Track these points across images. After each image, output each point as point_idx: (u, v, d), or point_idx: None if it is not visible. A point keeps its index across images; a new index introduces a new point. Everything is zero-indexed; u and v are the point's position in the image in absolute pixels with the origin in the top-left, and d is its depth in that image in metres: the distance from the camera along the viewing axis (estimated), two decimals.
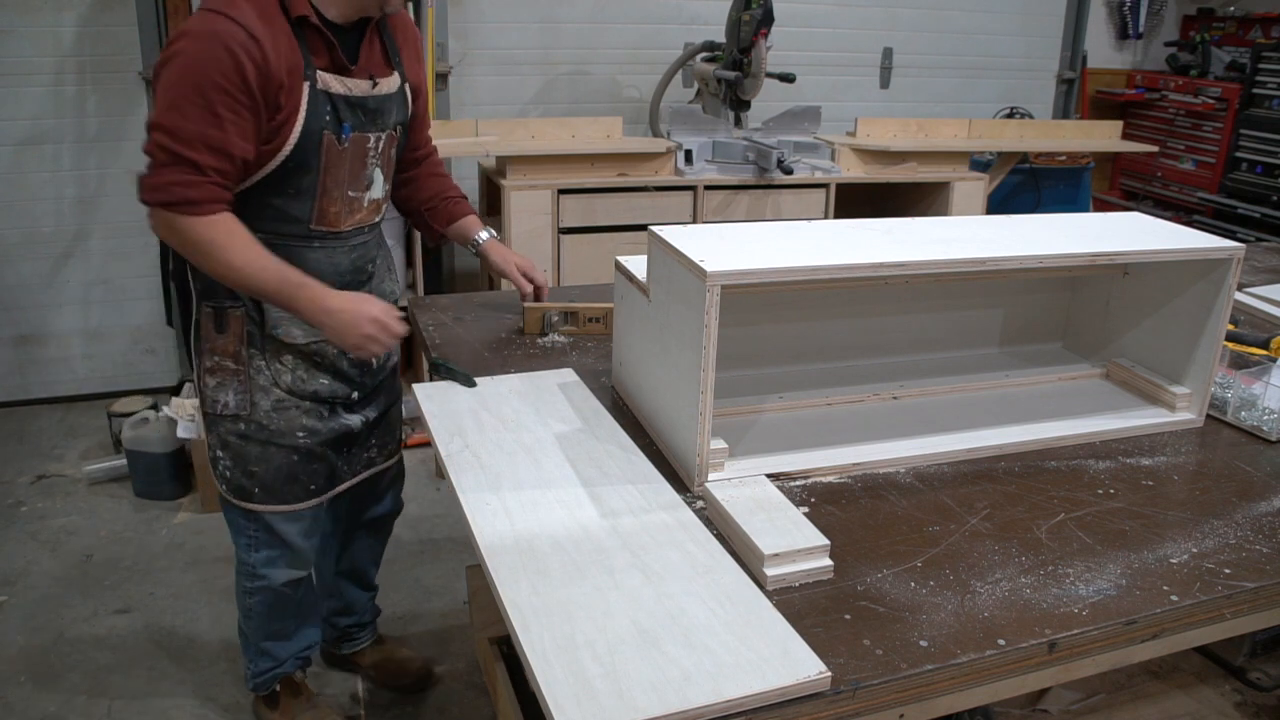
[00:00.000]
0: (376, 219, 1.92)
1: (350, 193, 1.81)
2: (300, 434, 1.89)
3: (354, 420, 1.98)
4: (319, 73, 1.69)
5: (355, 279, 1.90)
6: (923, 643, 1.14)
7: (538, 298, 2.10)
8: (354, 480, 2.06)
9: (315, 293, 1.69)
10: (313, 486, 1.95)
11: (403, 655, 2.49)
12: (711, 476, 1.45)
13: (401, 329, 1.77)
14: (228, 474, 1.90)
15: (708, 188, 3.82)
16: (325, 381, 1.90)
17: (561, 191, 3.65)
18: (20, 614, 2.68)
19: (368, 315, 1.71)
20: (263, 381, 1.84)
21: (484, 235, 2.13)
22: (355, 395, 1.96)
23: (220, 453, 1.89)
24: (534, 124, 3.87)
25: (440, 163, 2.19)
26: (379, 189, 1.87)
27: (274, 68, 1.61)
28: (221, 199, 1.63)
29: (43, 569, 2.90)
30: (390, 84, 1.83)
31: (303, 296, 1.68)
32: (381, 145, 1.83)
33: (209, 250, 1.63)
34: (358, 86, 1.75)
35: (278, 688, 2.23)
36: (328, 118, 1.71)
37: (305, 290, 1.69)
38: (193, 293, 1.83)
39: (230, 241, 1.64)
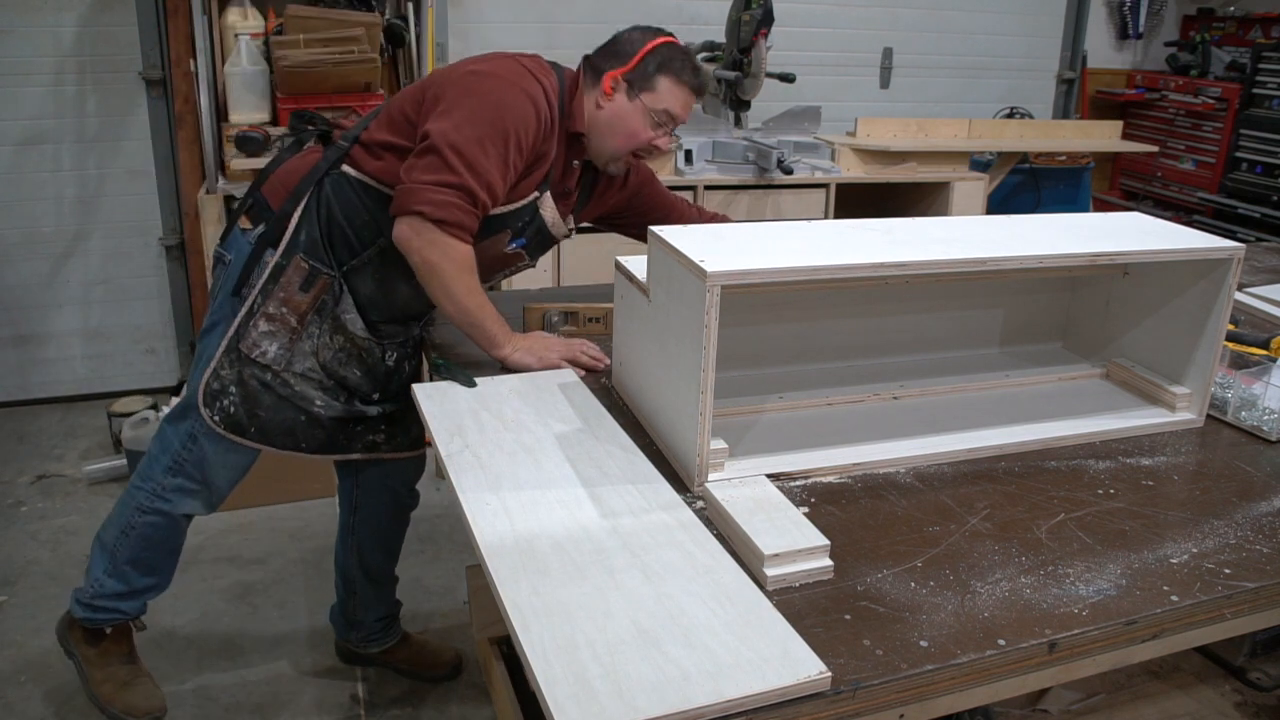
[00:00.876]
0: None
1: (507, 249, 1.99)
2: (318, 403, 1.96)
3: (370, 409, 2.04)
4: (548, 193, 1.93)
5: (420, 306, 2.02)
6: (923, 643, 1.14)
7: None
8: (350, 456, 2.08)
9: (501, 333, 1.86)
10: (304, 444, 1.99)
11: (435, 646, 2.55)
12: (711, 476, 1.45)
13: (585, 362, 1.91)
14: (231, 409, 1.92)
15: (708, 188, 3.82)
16: (358, 373, 1.97)
17: None
18: (20, 614, 2.68)
19: (542, 360, 1.88)
20: (307, 347, 1.92)
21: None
22: (377, 395, 2.03)
23: (234, 389, 1.91)
24: None
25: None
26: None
27: (543, 150, 1.85)
28: (475, 231, 1.80)
29: (43, 569, 2.90)
30: (569, 223, 2.06)
31: (492, 331, 1.84)
32: (521, 266, 2.06)
33: (450, 271, 1.77)
34: (557, 225, 1.99)
35: (108, 630, 2.15)
36: (519, 224, 1.93)
37: (503, 331, 1.86)
38: (287, 241, 1.87)
39: (467, 269, 1.80)
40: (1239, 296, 2.39)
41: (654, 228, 1.53)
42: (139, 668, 2.20)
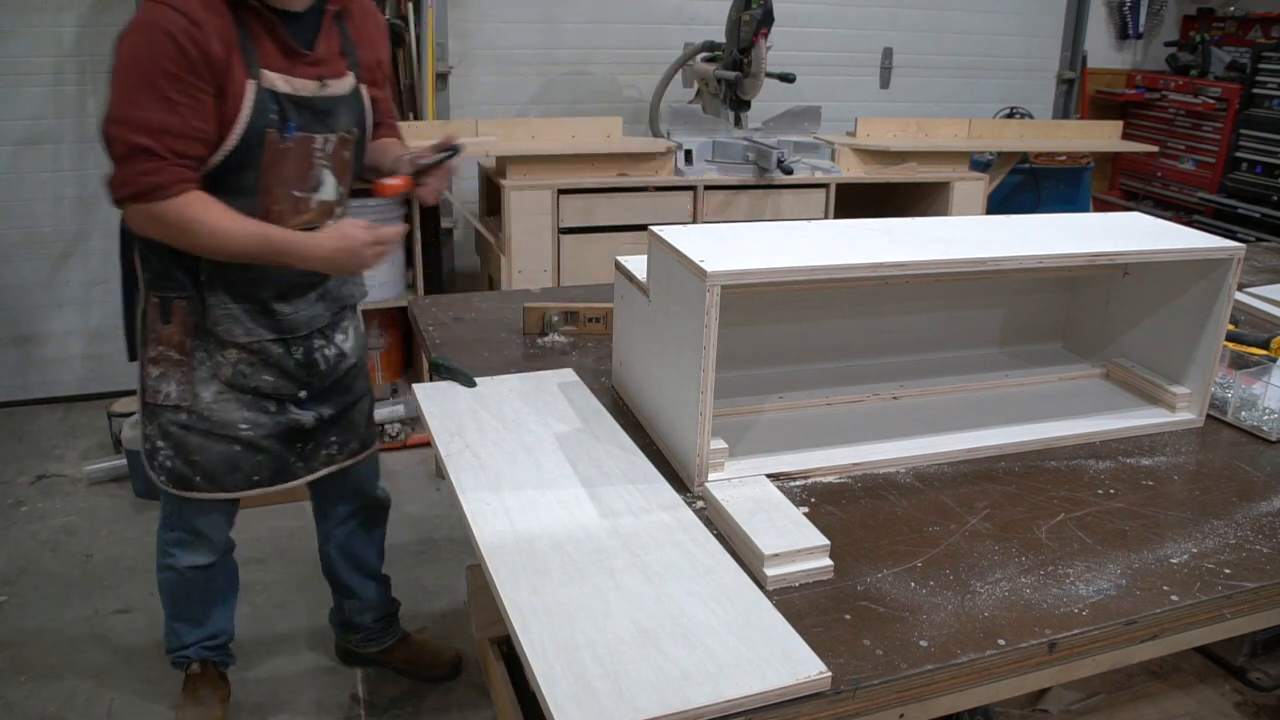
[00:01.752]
0: (329, 221, 1.85)
1: (296, 193, 1.78)
2: (243, 425, 1.89)
3: (305, 416, 1.96)
4: (264, 71, 1.68)
5: (306, 280, 1.88)
6: (923, 643, 1.14)
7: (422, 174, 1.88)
8: (312, 477, 2.04)
9: (301, 244, 1.71)
10: (256, 477, 1.94)
11: (434, 646, 2.53)
12: (711, 476, 1.45)
13: (392, 231, 1.78)
14: (169, 464, 1.90)
15: (708, 188, 3.82)
16: (269, 379, 1.89)
17: (561, 191, 3.65)
18: (20, 614, 2.68)
19: (360, 242, 1.73)
20: (204, 373, 1.85)
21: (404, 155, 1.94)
22: (304, 394, 1.95)
23: (160, 443, 1.89)
24: (534, 124, 3.86)
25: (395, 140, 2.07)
26: (330, 191, 1.84)
27: (216, 54, 1.60)
28: (187, 179, 1.64)
29: (43, 569, 2.90)
30: (342, 85, 1.80)
31: (292, 252, 1.70)
32: (331, 147, 1.80)
33: (190, 228, 1.64)
34: (304, 87, 1.73)
35: (189, 669, 2.25)
36: (273, 115, 1.69)
37: (293, 245, 1.70)
38: (140, 283, 1.84)
39: (207, 214, 1.64)
40: (1239, 296, 2.39)
41: (654, 228, 1.53)
42: (215, 712, 2.22)
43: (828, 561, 1.28)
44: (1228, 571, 1.32)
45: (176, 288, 1.80)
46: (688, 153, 3.85)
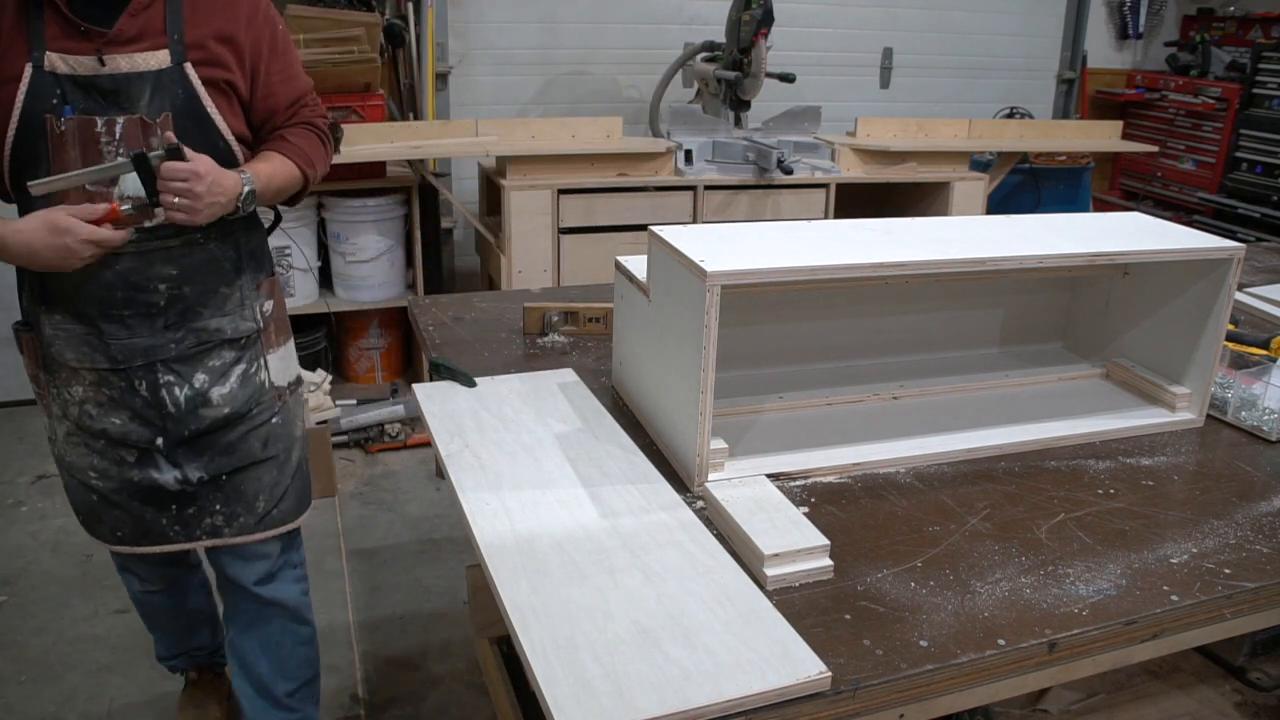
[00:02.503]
0: (150, 224, 1.58)
1: (88, 187, 1.54)
2: (92, 474, 1.71)
3: (166, 477, 1.70)
4: (48, 53, 1.50)
5: (139, 300, 1.61)
6: (923, 643, 1.14)
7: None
8: (192, 545, 1.78)
9: None
10: (119, 534, 1.75)
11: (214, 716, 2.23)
12: (711, 476, 1.45)
13: (115, 236, 1.52)
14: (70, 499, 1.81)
15: (708, 188, 3.82)
16: (117, 421, 1.67)
17: (561, 191, 3.65)
18: (20, 614, 2.68)
19: (76, 237, 1.49)
20: (57, 410, 1.71)
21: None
22: (159, 441, 1.68)
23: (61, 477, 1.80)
24: (534, 124, 3.87)
25: (305, 130, 1.75)
26: (135, 185, 1.53)
27: None
28: None
29: (43, 569, 2.90)
30: (142, 61, 1.54)
31: None
32: (120, 131, 1.53)
33: None
34: (81, 65, 1.51)
35: (184, 675, 2.25)
36: (54, 100, 1.51)
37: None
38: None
39: None
40: (1239, 296, 2.39)
41: (654, 228, 1.53)
42: (214, 713, 2.21)
43: (828, 561, 1.27)
44: (1228, 571, 1.32)
45: (23, 314, 1.69)
46: (688, 153, 3.85)
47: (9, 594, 2.77)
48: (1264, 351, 2.03)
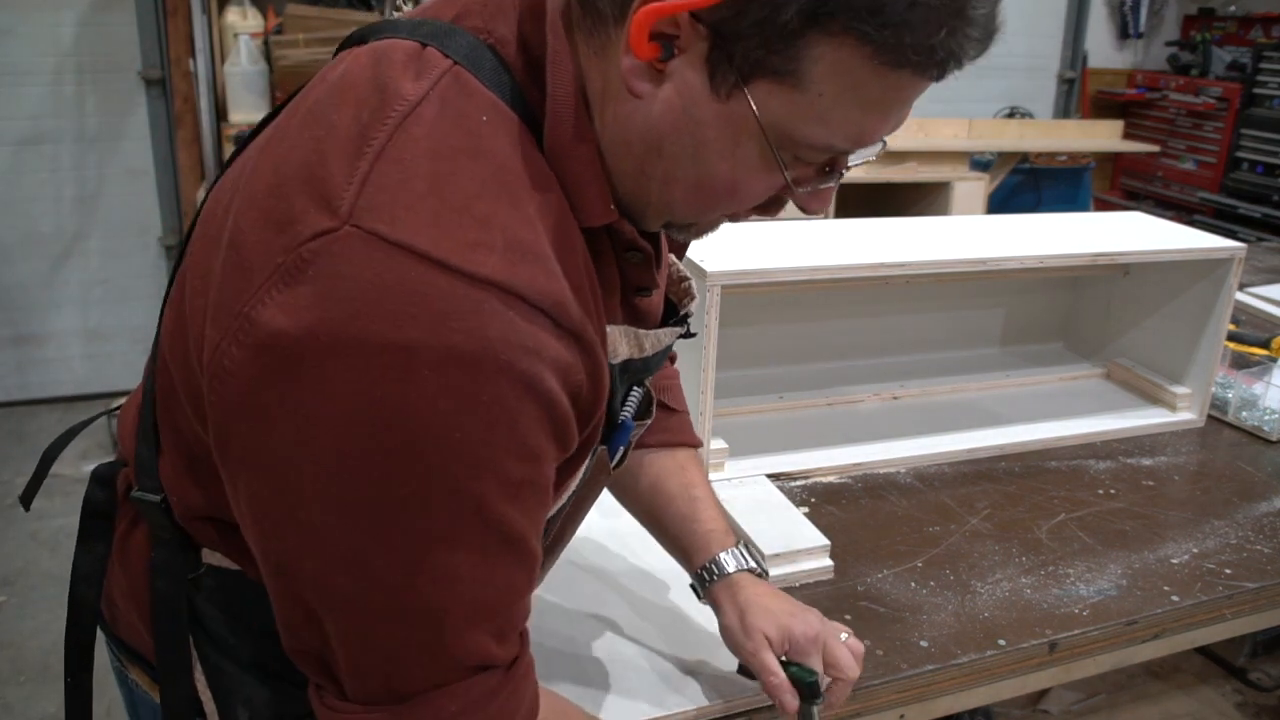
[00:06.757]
0: None
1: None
2: None
3: None
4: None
5: None
6: (923, 643, 1.14)
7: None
8: None
9: None
10: None
11: None
12: (712, 476, 1.45)
13: None
14: None
15: None
16: None
17: None
18: (20, 614, 2.68)
19: None
20: None
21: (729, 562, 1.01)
22: None
23: None
24: None
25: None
26: None
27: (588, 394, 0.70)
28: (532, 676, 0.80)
29: (43, 569, 2.89)
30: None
31: None
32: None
33: None
34: (655, 340, 0.85)
35: None
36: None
37: None
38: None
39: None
40: (1239, 296, 2.39)
41: None
42: None
43: (828, 561, 1.27)
44: (1228, 571, 1.32)
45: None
46: None
47: (9, 594, 2.77)
48: (1265, 351, 2.03)
